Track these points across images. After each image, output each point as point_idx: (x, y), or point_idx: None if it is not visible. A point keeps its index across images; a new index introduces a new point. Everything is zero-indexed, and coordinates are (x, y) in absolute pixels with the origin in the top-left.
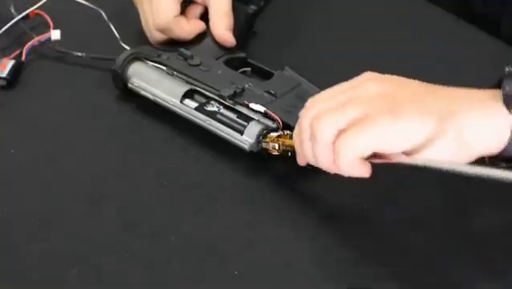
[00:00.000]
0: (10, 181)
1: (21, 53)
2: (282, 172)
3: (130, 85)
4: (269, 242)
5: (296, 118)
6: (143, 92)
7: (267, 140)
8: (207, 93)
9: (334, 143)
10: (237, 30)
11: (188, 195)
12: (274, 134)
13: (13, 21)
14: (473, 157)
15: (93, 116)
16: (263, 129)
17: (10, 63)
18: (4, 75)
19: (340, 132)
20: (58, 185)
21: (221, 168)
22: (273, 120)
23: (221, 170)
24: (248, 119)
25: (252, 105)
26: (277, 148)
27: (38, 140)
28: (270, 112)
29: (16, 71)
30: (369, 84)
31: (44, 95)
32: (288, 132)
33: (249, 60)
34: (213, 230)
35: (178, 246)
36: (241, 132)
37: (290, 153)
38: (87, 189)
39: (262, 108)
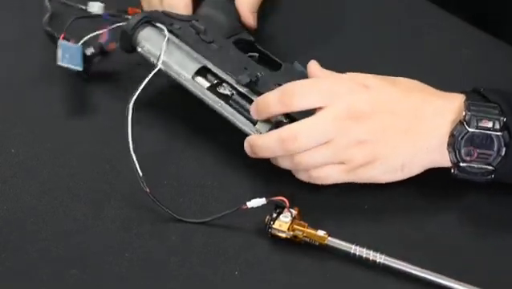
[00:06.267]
0: (10, 181)
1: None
2: (284, 172)
3: (139, 49)
4: (269, 242)
5: (305, 114)
6: (152, 59)
7: (280, 227)
8: (220, 74)
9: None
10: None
11: (189, 195)
12: (284, 219)
13: None
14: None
15: (93, 115)
16: (275, 123)
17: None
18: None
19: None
20: (59, 185)
21: (221, 167)
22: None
23: (221, 170)
24: None
25: None
26: (295, 237)
27: (38, 140)
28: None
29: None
30: (352, 126)
31: (44, 94)
32: (297, 219)
33: (257, 46)
34: (213, 230)
35: (178, 246)
36: (254, 123)
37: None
38: (88, 189)
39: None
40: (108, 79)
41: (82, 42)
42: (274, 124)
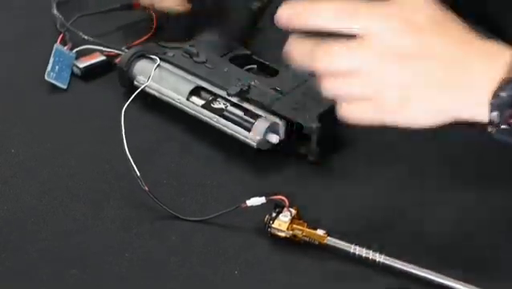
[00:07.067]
0: (10, 181)
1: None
2: (284, 171)
3: (136, 83)
4: (269, 242)
5: (303, 115)
6: (148, 90)
7: (279, 226)
8: (214, 90)
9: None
10: (241, 27)
11: (189, 195)
12: (284, 219)
13: None
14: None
15: (93, 115)
16: (270, 126)
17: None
18: (81, 65)
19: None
20: (58, 185)
21: (221, 167)
22: (280, 117)
23: (221, 169)
24: (255, 116)
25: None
26: (294, 237)
27: (38, 140)
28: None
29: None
30: (387, 66)
31: (44, 94)
32: (296, 218)
33: (255, 57)
34: (213, 230)
35: (178, 245)
36: (249, 130)
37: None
38: (87, 189)
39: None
40: (108, 79)
41: (75, 50)
42: (270, 126)
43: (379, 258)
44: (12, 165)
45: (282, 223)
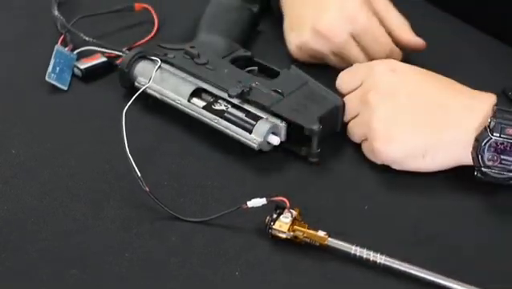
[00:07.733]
0: (10, 181)
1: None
2: (285, 173)
3: (137, 84)
4: (270, 243)
5: (303, 117)
6: (149, 91)
7: (280, 227)
8: (215, 92)
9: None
10: (241, 29)
11: (189, 195)
12: (285, 220)
13: None
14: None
15: (93, 115)
16: (271, 128)
17: (101, 59)
18: (82, 66)
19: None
20: (58, 185)
21: (222, 168)
22: (281, 118)
23: (222, 171)
24: (256, 117)
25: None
26: (295, 238)
27: (38, 140)
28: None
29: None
30: (380, 106)
31: (44, 94)
32: (298, 219)
33: (256, 59)
34: (214, 230)
35: (178, 246)
36: (250, 131)
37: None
38: (87, 189)
39: None
40: (109, 80)
41: (76, 51)
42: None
43: (380, 259)
44: (12, 166)
45: (282, 224)
